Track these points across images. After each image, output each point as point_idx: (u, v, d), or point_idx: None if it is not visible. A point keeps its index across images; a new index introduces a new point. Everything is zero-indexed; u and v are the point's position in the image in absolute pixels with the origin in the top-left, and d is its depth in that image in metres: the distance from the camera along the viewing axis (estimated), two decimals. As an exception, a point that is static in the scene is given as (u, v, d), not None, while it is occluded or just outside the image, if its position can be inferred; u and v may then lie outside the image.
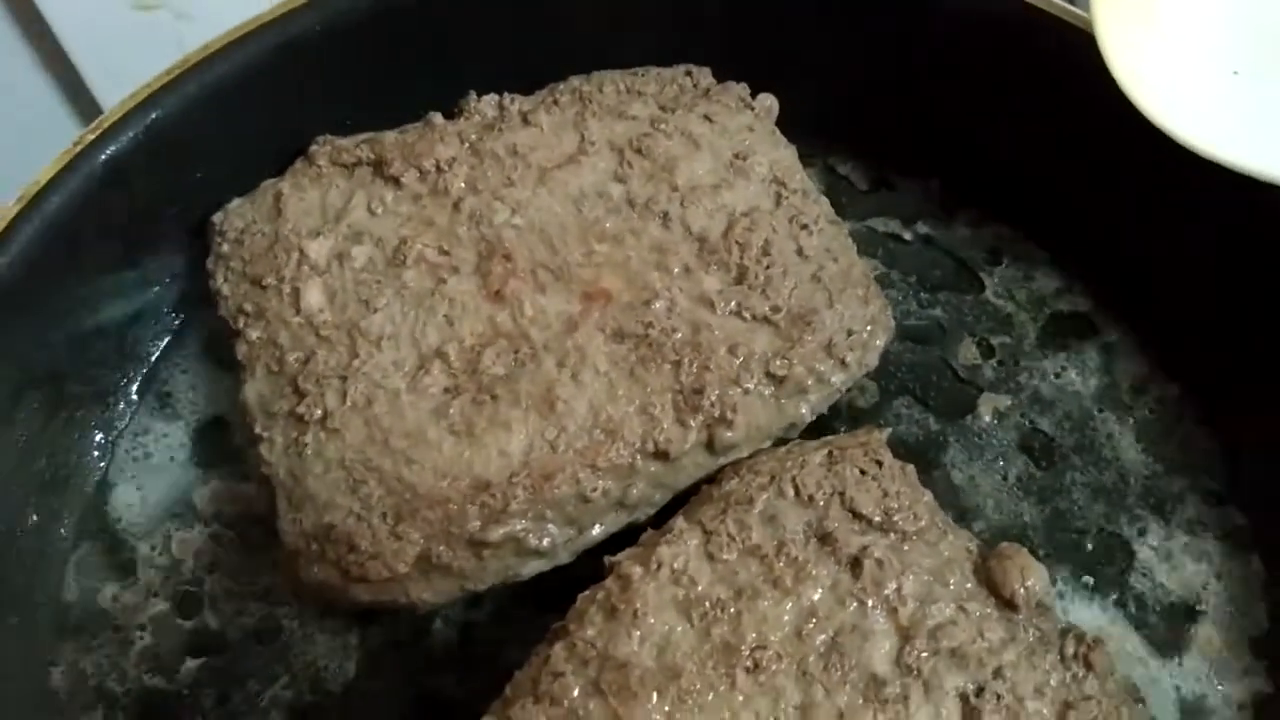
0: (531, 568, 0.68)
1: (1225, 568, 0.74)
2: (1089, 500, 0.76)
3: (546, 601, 0.66)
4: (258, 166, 0.76)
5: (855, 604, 0.61)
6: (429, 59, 0.79)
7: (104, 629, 0.71)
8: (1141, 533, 0.75)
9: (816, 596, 0.62)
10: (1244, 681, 0.70)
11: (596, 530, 0.69)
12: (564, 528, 0.68)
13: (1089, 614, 0.73)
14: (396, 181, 0.74)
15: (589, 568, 0.66)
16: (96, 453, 0.76)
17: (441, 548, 0.65)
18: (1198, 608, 0.73)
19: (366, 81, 0.79)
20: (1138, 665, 0.71)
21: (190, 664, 0.70)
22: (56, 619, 0.71)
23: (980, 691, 0.59)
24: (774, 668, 0.60)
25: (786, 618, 0.61)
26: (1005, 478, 0.76)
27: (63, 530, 0.73)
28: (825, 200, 0.77)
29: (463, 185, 0.74)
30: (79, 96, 0.92)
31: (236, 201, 0.75)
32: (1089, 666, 0.62)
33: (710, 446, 0.69)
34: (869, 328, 0.72)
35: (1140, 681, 0.71)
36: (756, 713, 0.59)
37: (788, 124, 0.80)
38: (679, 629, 0.61)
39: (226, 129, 0.75)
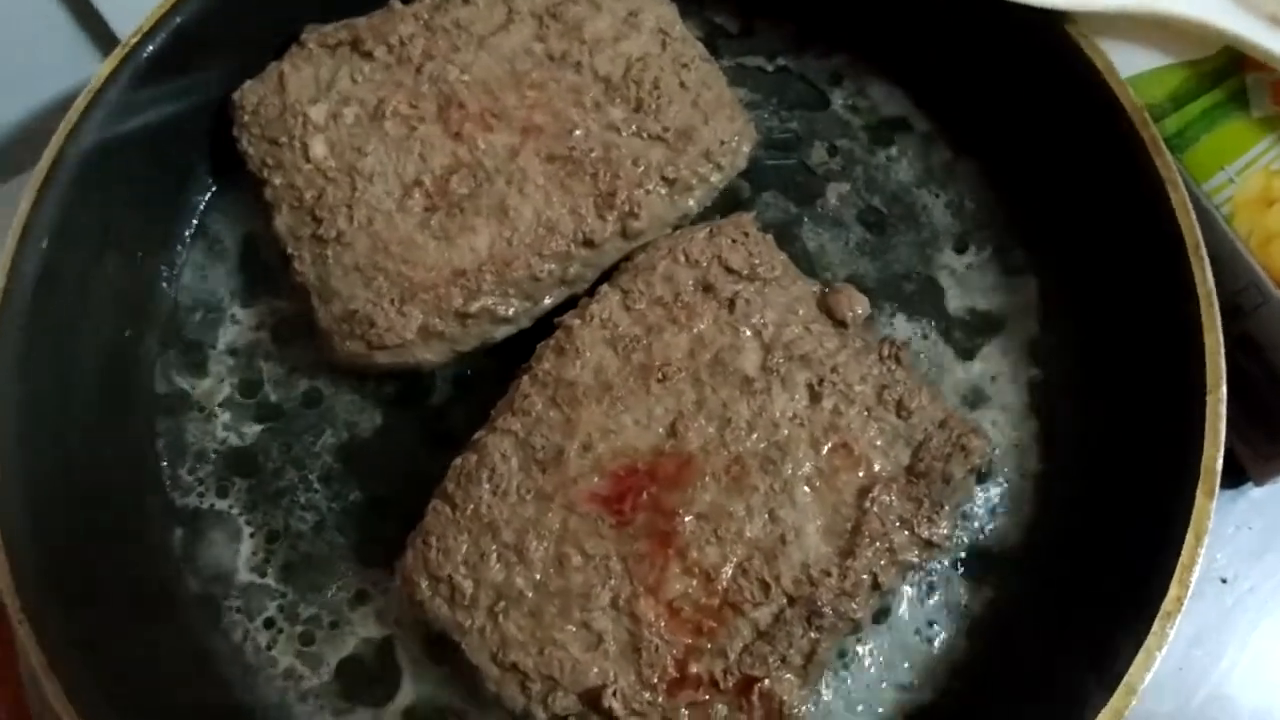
0: (502, 332, 0.81)
1: (1010, 295, 0.87)
2: (909, 254, 0.88)
3: (515, 357, 0.79)
4: (262, 54, 0.85)
5: (731, 330, 0.76)
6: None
7: (190, 410, 0.84)
8: (948, 274, 0.88)
9: (703, 327, 0.76)
10: (1018, 372, 0.84)
11: (547, 301, 0.82)
12: (522, 300, 0.80)
13: (907, 332, 0.86)
14: (370, 55, 0.84)
15: (544, 330, 0.79)
16: (165, 284, 0.88)
17: (435, 319, 0.78)
18: (988, 325, 0.86)
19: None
20: (945, 367, 0.85)
21: (258, 428, 0.84)
22: (154, 406, 0.84)
23: (821, 382, 0.74)
24: (676, 378, 0.75)
25: (682, 343, 0.76)
26: (847, 243, 0.89)
27: (149, 342, 0.86)
28: (700, 44, 0.87)
29: (421, 54, 0.83)
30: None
31: (249, 82, 0.84)
32: (898, 362, 0.76)
33: (624, 234, 0.81)
34: (736, 138, 0.84)
35: (946, 374, 0.85)
36: (666, 408, 0.74)
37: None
38: (608, 357, 0.75)
39: (236, 26, 0.84)
